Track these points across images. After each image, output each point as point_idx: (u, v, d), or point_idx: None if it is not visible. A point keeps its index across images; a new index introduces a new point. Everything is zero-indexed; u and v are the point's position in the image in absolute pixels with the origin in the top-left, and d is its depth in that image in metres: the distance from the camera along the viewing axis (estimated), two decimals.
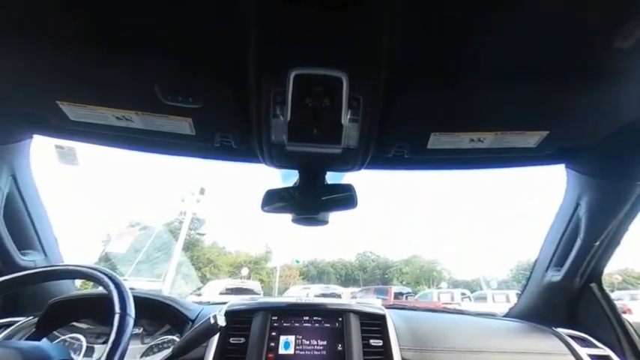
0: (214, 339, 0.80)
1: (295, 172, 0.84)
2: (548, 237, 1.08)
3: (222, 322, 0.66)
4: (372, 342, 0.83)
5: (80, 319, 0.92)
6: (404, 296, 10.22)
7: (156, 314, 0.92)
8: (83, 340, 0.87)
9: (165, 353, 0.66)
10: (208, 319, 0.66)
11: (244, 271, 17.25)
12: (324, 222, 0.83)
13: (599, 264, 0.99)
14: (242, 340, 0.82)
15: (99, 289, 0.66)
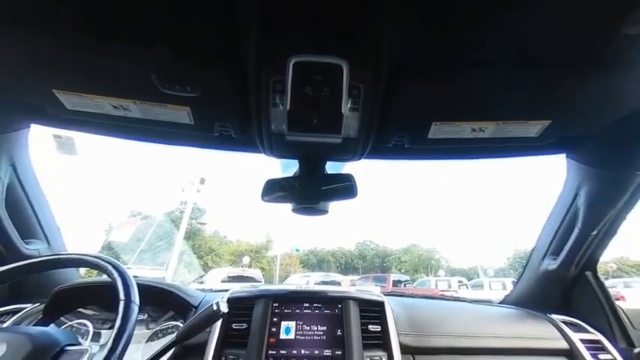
0: (217, 324, 0.82)
1: (295, 162, 0.84)
2: (546, 226, 1.09)
3: (224, 308, 0.67)
4: (370, 327, 0.85)
5: (86, 305, 0.95)
6: (402, 284, 10.45)
7: (160, 301, 0.94)
8: (90, 325, 0.90)
9: (170, 338, 0.67)
10: (211, 305, 0.67)
11: (245, 260, 17.51)
12: (324, 211, 0.84)
13: (595, 253, 1.00)
14: (244, 325, 0.84)
15: (103, 277, 0.67)
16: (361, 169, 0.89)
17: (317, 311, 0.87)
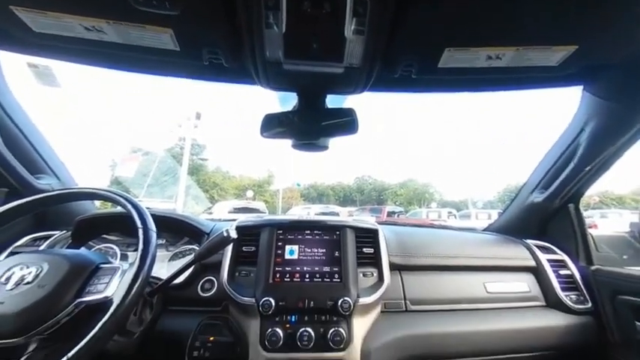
0: (229, 247, 0.93)
1: (294, 95, 0.79)
2: (542, 162, 1.11)
3: (234, 234, 0.74)
4: (364, 250, 0.97)
5: (109, 232, 1.05)
6: (396, 214, 11.26)
7: (175, 229, 1.04)
8: (116, 248, 1.01)
9: (189, 258, 0.77)
10: (222, 232, 0.75)
11: (249, 193, 18.41)
12: (324, 147, 0.84)
13: (583, 187, 1.05)
14: (253, 248, 0.95)
15: (118, 209, 0.72)
16: (361, 102, 0.84)
17: (317, 237, 0.97)
